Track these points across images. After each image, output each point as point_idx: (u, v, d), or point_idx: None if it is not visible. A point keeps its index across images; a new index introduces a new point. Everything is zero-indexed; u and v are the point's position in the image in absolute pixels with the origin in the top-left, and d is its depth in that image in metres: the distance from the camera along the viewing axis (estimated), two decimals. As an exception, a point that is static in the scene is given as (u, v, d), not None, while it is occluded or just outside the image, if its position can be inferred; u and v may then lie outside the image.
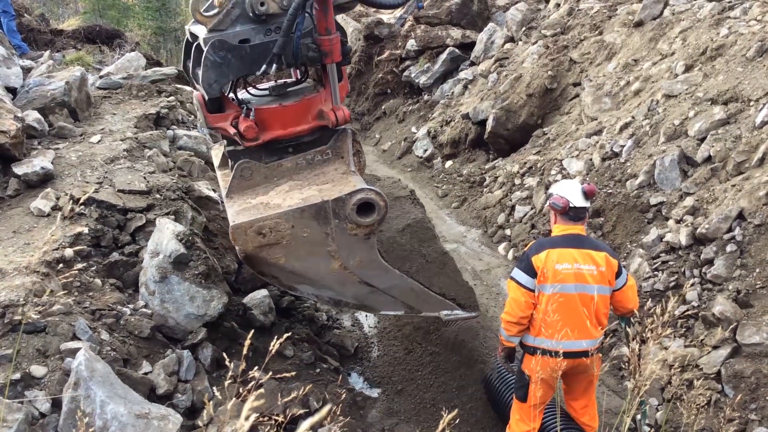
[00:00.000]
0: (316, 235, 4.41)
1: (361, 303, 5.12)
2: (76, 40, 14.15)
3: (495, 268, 8.26)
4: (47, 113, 7.46)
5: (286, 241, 4.37)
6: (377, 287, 4.91)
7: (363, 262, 4.67)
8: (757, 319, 5.18)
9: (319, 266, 4.61)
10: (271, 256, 4.44)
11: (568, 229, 4.49)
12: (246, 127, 4.40)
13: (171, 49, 23.41)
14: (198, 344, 5.06)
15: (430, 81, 14.40)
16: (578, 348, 4.34)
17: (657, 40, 9.25)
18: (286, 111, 4.60)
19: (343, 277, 4.72)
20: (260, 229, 4.29)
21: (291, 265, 4.55)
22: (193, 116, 9.40)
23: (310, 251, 4.50)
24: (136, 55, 11.17)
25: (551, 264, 4.30)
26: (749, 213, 5.83)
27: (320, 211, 4.35)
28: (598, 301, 4.37)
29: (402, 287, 5.02)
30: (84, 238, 5.27)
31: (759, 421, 4.80)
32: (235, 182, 4.62)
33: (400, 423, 5.51)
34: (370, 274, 4.79)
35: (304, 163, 4.77)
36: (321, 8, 4.24)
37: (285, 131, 4.62)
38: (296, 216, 4.32)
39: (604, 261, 4.37)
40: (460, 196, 10.61)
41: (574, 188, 4.52)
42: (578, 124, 9.58)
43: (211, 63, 4.22)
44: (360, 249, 4.60)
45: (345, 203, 4.34)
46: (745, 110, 6.79)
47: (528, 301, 4.36)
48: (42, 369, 3.94)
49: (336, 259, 4.57)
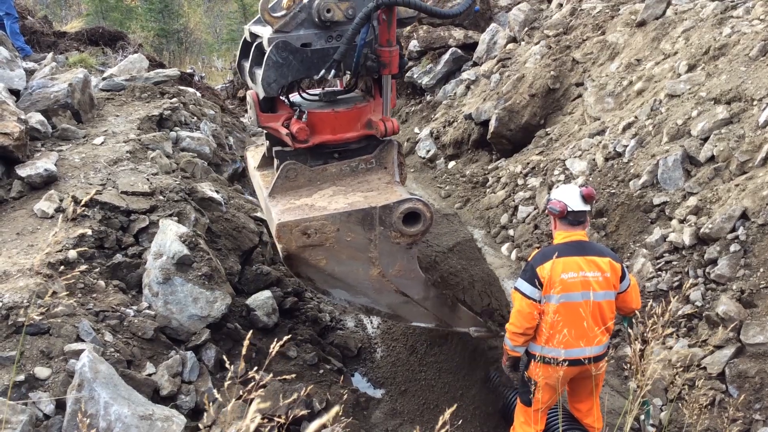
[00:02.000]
0: (359, 241, 4.44)
1: (394, 312, 5.09)
2: (79, 42, 14.18)
3: (498, 268, 8.25)
4: (50, 115, 7.47)
5: (330, 243, 4.39)
6: (412, 298, 4.91)
7: (402, 271, 4.69)
8: (761, 319, 5.17)
9: (358, 272, 4.62)
10: (313, 257, 4.45)
11: (570, 235, 4.46)
12: (298, 129, 4.46)
13: (174, 51, 23.47)
14: (201, 345, 5.07)
15: (432, 82, 14.41)
16: (585, 355, 4.33)
17: (660, 40, 9.24)
18: (338, 117, 4.65)
19: (381, 285, 4.74)
20: (306, 229, 4.31)
21: (331, 268, 4.56)
22: (196, 118, 9.42)
23: (352, 256, 4.52)
24: (139, 57, 11.19)
25: (557, 274, 4.28)
26: (753, 213, 5.82)
27: (367, 217, 4.38)
28: (605, 307, 4.36)
29: (437, 300, 5.03)
30: (87, 240, 5.28)
31: (763, 421, 4.79)
32: (280, 182, 4.65)
33: (403, 424, 5.51)
34: (408, 284, 4.81)
35: (348, 169, 4.80)
36: (386, 20, 4.29)
37: (334, 136, 4.67)
38: (343, 219, 4.34)
39: (608, 266, 4.36)
40: (463, 197, 10.61)
41: (572, 192, 4.50)
42: (581, 124, 9.58)
43: (273, 63, 4.28)
44: (401, 258, 4.63)
45: (392, 211, 4.38)
46: (748, 110, 6.78)
47: (533, 312, 4.33)
48: (46, 371, 3.95)
49: (376, 266, 4.59)
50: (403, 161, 5.11)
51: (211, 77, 21.28)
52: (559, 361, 4.19)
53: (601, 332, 4.34)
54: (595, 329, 4.32)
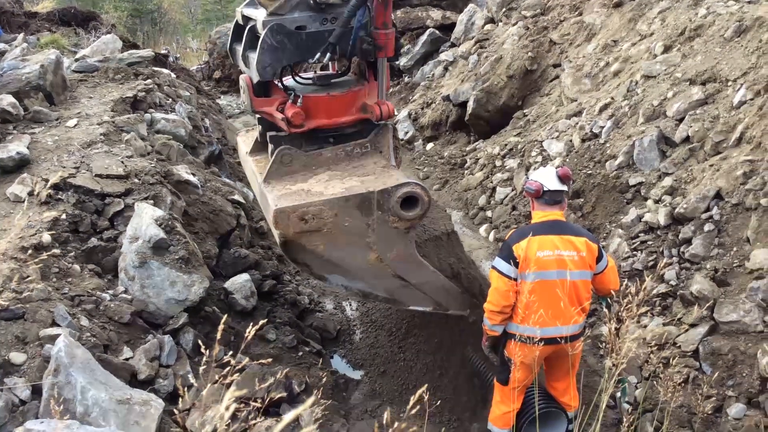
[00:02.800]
0: (357, 225, 4.42)
1: (392, 297, 5.08)
2: (51, 23, 13.90)
3: (476, 249, 8.29)
4: (22, 97, 7.33)
5: (327, 228, 4.37)
6: (410, 282, 4.91)
7: (400, 255, 4.68)
8: (734, 297, 5.25)
9: (356, 256, 4.61)
10: (311, 243, 4.42)
11: (547, 215, 4.49)
12: (294, 113, 4.41)
13: (148, 32, 23.14)
14: (179, 329, 5.05)
15: (410, 63, 14.37)
16: (560, 334, 4.37)
17: (636, 21, 9.27)
18: (333, 101, 4.61)
19: (378, 270, 4.72)
20: (303, 214, 4.28)
21: (329, 253, 4.53)
22: (171, 99, 9.30)
23: (350, 241, 4.49)
24: (112, 38, 11.00)
25: (533, 252, 4.30)
26: (727, 192, 5.89)
27: (365, 202, 4.35)
28: (580, 287, 4.40)
29: (434, 284, 5.04)
30: (62, 224, 5.21)
31: (736, 397, 4.88)
32: (275, 168, 4.61)
33: (383, 404, 5.54)
34: (405, 268, 4.80)
35: (343, 154, 4.76)
36: (382, 2, 4.26)
37: (330, 121, 4.64)
38: (341, 204, 4.32)
39: (584, 246, 4.39)
40: (441, 179, 10.62)
41: (548, 172, 4.53)
42: (558, 105, 9.61)
43: (267, 46, 4.23)
44: (398, 242, 4.61)
45: (390, 195, 4.35)
46: (723, 90, 6.84)
47: (510, 291, 4.35)
48: (21, 356, 3.91)
49: (374, 250, 4.57)
50: (398, 145, 5.10)
51: (186, 58, 21.02)
52: (536, 340, 4.19)
53: (577, 312, 4.37)
54: (571, 309, 4.36)
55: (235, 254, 6.57)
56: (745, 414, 4.78)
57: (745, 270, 5.37)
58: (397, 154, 4.98)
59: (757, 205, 5.56)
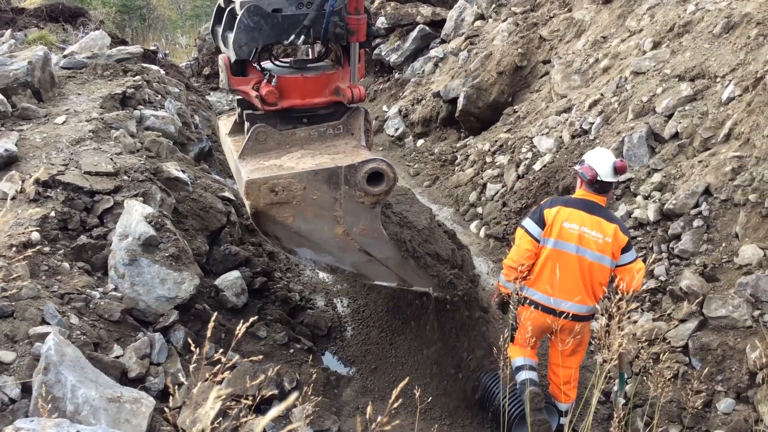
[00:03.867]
0: (325, 199, 4.63)
1: (358, 271, 5.24)
2: (39, 19, 13.79)
3: (467, 245, 8.30)
4: (10, 94, 7.27)
5: (296, 201, 4.57)
6: (375, 257, 5.07)
7: (365, 230, 4.87)
8: (723, 293, 5.28)
9: (323, 230, 4.80)
10: (280, 214, 4.63)
11: (588, 195, 4.62)
12: (267, 91, 4.64)
13: (136, 28, 22.99)
14: (170, 327, 5.03)
15: (400, 59, 14.35)
16: (560, 307, 4.44)
17: (625, 17, 9.30)
18: (306, 82, 4.84)
19: (345, 243, 4.90)
20: (273, 186, 4.48)
21: (297, 225, 4.72)
22: (160, 96, 9.26)
23: (318, 214, 4.70)
24: (101, 34, 10.92)
25: (559, 220, 4.48)
26: (715, 188, 5.93)
27: (332, 176, 4.57)
28: (596, 269, 4.49)
29: (398, 260, 5.18)
30: (51, 222, 5.18)
31: (725, 392, 4.92)
32: (249, 144, 4.80)
33: (374, 401, 5.54)
34: (371, 242, 4.97)
35: (316, 134, 4.98)
36: None
37: (302, 101, 4.87)
38: (309, 178, 4.53)
39: (612, 232, 4.48)
40: (431, 175, 10.63)
41: (606, 160, 4.58)
42: (548, 101, 9.63)
43: (244, 26, 4.44)
44: (364, 217, 4.82)
45: (357, 171, 4.57)
46: (711, 87, 6.88)
47: (531, 250, 4.56)
48: (10, 354, 3.89)
49: (340, 224, 4.77)
50: (370, 128, 5.29)
51: (175, 54, 20.90)
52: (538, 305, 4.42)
53: (586, 293, 4.47)
54: (581, 287, 4.47)
55: (225, 251, 6.55)
56: (734, 408, 4.83)
57: (733, 265, 5.41)
58: (368, 136, 5.18)
59: (746, 200, 5.59)
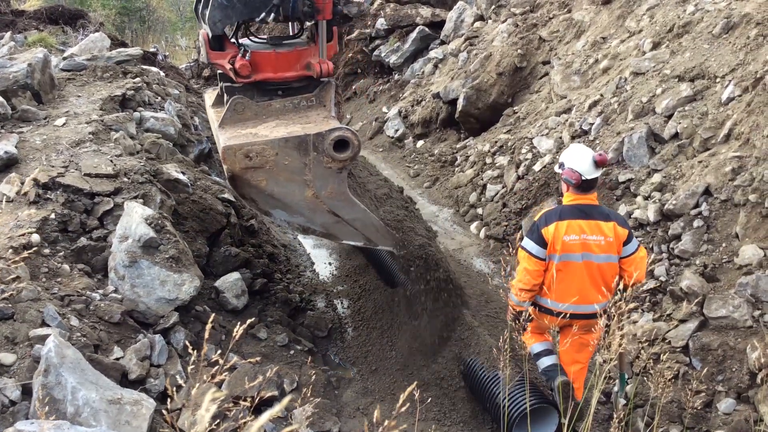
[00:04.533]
0: (295, 164, 5.01)
1: (327, 231, 5.59)
2: (38, 21, 13.80)
3: (467, 246, 8.31)
4: (10, 96, 7.28)
5: (269, 166, 4.95)
6: (343, 218, 5.45)
7: (333, 193, 5.25)
8: (724, 293, 5.28)
9: (294, 192, 5.18)
10: (255, 178, 5.00)
11: (579, 198, 4.63)
12: (241, 65, 5.07)
13: (136, 30, 23.00)
14: (170, 328, 5.03)
15: (400, 60, 14.35)
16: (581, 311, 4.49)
17: (625, 18, 9.30)
18: (279, 57, 5.30)
19: (315, 205, 5.29)
20: (248, 152, 4.86)
21: (271, 188, 5.09)
22: (160, 98, 9.27)
23: (289, 178, 5.07)
24: (101, 36, 10.93)
25: (559, 235, 4.50)
26: (715, 189, 5.92)
27: (302, 143, 4.95)
28: (606, 270, 4.54)
29: (364, 221, 5.56)
30: (51, 224, 5.18)
31: (726, 392, 4.91)
32: (228, 115, 5.22)
33: (375, 402, 5.54)
34: (338, 204, 5.36)
35: (290, 106, 5.41)
36: None
37: (275, 75, 5.32)
38: (281, 144, 4.92)
39: (612, 231, 4.53)
40: (431, 176, 10.63)
41: (584, 158, 4.59)
42: (548, 102, 9.63)
43: (218, 4, 4.81)
44: (332, 181, 5.19)
45: (324, 138, 4.95)
46: (711, 87, 6.88)
47: (540, 270, 4.58)
48: (11, 356, 3.89)
49: (310, 187, 5.15)
50: (340, 100, 5.79)
51: (174, 56, 20.90)
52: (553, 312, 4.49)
53: (601, 293, 4.51)
54: (594, 290, 4.52)
55: (225, 253, 6.55)
56: (734, 409, 4.82)
57: (734, 266, 5.40)
58: (339, 108, 5.63)
59: (746, 201, 5.59)
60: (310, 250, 8.39)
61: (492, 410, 5.20)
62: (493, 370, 5.29)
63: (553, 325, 4.62)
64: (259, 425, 1.62)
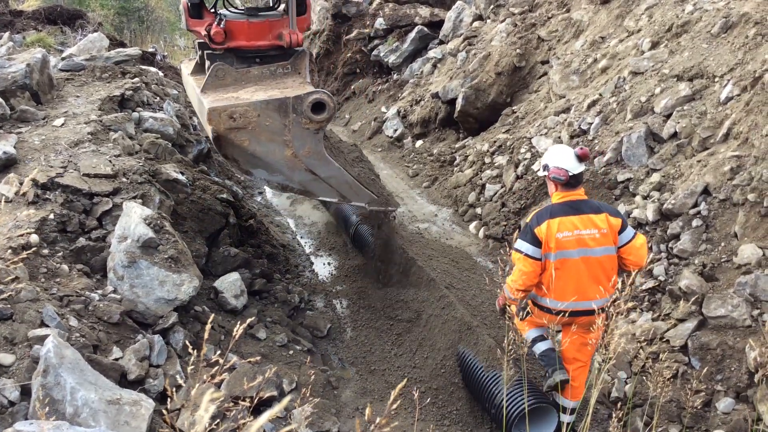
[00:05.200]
0: (276, 125, 5.39)
1: (305, 188, 5.99)
2: (37, 21, 13.80)
3: (466, 246, 8.31)
4: (8, 96, 7.28)
5: (252, 126, 5.31)
6: (319, 176, 5.86)
7: (311, 152, 5.65)
8: (722, 292, 5.28)
9: (275, 152, 5.55)
10: (238, 138, 5.36)
11: (567, 195, 4.62)
12: (215, 32, 5.61)
13: (135, 30, 22.99)
14: (169, 329, 5.02)
15: (399, 60, 14.36)
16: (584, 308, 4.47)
17: (623, 17, 9.31)
18: (251, 26, 5.80)
19: (293, 164, 5.67)
20: (232, 113, 5.22)
21: (253, 148, 5.46)
22: (159, 98, 9.26)
23: (270, 138, 5.45)
24: (99, 36, 10.93)
25: (552, 234, 4.47)
26: (714, 188, 5.93)
27: (282, 105, 5.33)
28: (605, 262, 4.53)
29: (339, 178, 5.99)
30: (50, 224, 5.18)
31: (725, 391, 4.91)
32: (210, 80, 5.63)
33: (374, 402, 5.54)
34: (315, 163, 5.76)
35: (268, 73, 5.85)
36: None
37: (248, 43, 5.85)
38: (262, 106, 5.30)
39: (605, 223, 4.51)
40: (430, 176, 10.63)
41: (567, 155, 4.62)
42: (547, 102, 9.63)
43: None
44: (309, 141, 5.59)
45: (303, 101, 5.34)
46: (710, 86, 6.88)
47: (536, 270, 4.56)
48: (10, 357, 3.88)
49: (290, 147, 5.54)
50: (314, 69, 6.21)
51: (173, 56, 20.89)
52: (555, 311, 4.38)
53: (604, 286, 4.50)
54: (594, 285, 4.49)
55: (224, 253, 6.55)
56: (733, 408, 4.82)
57: (732, 265, 5.40)
58: (313, 76, 6.00)
59: (745, 200, 5.59)
60: (309, 250, 8.40)
61: (490, 410, 5.20)
62: (492, 370, 5.29)
63: (553, 324, 4.58)
64: (258, 425, 1.62)
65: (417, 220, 9.14)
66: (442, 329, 6.06)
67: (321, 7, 16.24)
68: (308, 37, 16.09)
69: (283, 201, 9.98)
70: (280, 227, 8.98)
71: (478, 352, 5.55)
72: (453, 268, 7.44)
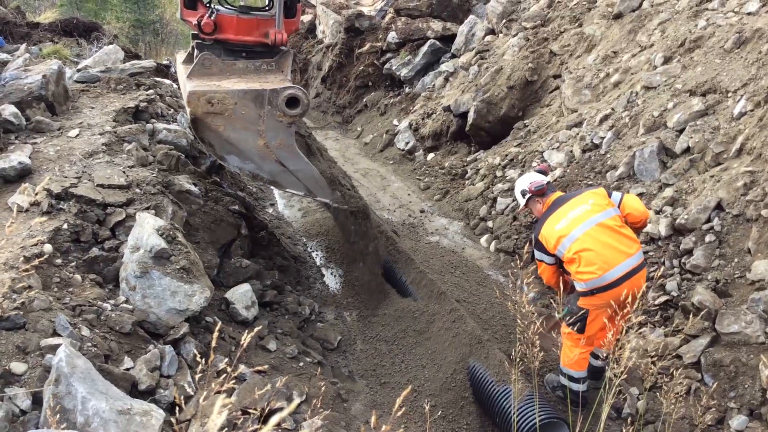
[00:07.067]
0: (251, 115, 5.66)
1: (273, 179, 6.21)
2: (53, 33, 13.97)
3: (477, 260, 8.29)
4: (24, 107, 7.36)
5: (228, 113, 5.60)
6: (288, 168, 6.11)
7: (282, 145, 5.93)
8: (736, 308, 5.24)
9: (248, 140, 5.84)
10: (214, 123, 5.65)
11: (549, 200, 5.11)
12: (205, 23, 6.01)
13: (149, 42, 23.21)
14: (180, 339, 5.03)
15: (411, 73, 14.40)
16: (629, 268, 4.66)
17: (636, 32, 9.31)
18: (240, 22, 6.18)
19: (264, 154, 5.95)
20: (210, 99, 5.52)
21: (227, 134, 5.75)
22: (173, 110, 9.34)
23: (245, 126, 5.73)
24: (114, 48, 11.06)
25: (554, 230, 4.82)
26: (727, 203, 5.90)
27: (258, 97, 5.61)
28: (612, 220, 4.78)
29: (306, 173, 6.24)
30: (63, 234, 5.21)
31: (738, 409, 4.87)
32: (197, 68, 6.00)
33: (384, 415, 5.52)
34: (285, 155, 6.03)
35: (252, 67, 6.23)
36: None
37: (236, 37, 6.20)
38: (240, 95, 5.58)
39: (590, 196, 4.90)
40: (442, 189, 10.63)
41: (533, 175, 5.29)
42: (559, 116, 9.63)
43: None
44: (282, 133, 5.87)
45: (278, 94, 5.63)
46: (723, 101, 6.86)
47: (554, 271, 5.11)
48: (22, 366, 3.90)
49: (262, 137, 5.82)
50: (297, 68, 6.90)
51: (187, 69, 21.03)
52: (605, 286, 4.62)
53: (628, 241, 4.72)
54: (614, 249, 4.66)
55: (236, 264, 6.57)
56: (747, 426, 4.78)
57: (746, 281, 5.37)
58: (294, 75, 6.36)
59: (758, 216, 5.56)
60: (320, 262, 8.41)
61: (501, 425, 5.17)
62: (503, 384, 5.27)
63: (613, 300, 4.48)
64: (267, 429, 1.63)
65: (428, 232, 9.14)
66: (453, 342, 6.04)
67: (334, 20, 16.34)
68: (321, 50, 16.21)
69: (294, 213, 10.00)
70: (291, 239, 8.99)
71: (488, 365, 5.53)
72: (464, 281, 7.43)
